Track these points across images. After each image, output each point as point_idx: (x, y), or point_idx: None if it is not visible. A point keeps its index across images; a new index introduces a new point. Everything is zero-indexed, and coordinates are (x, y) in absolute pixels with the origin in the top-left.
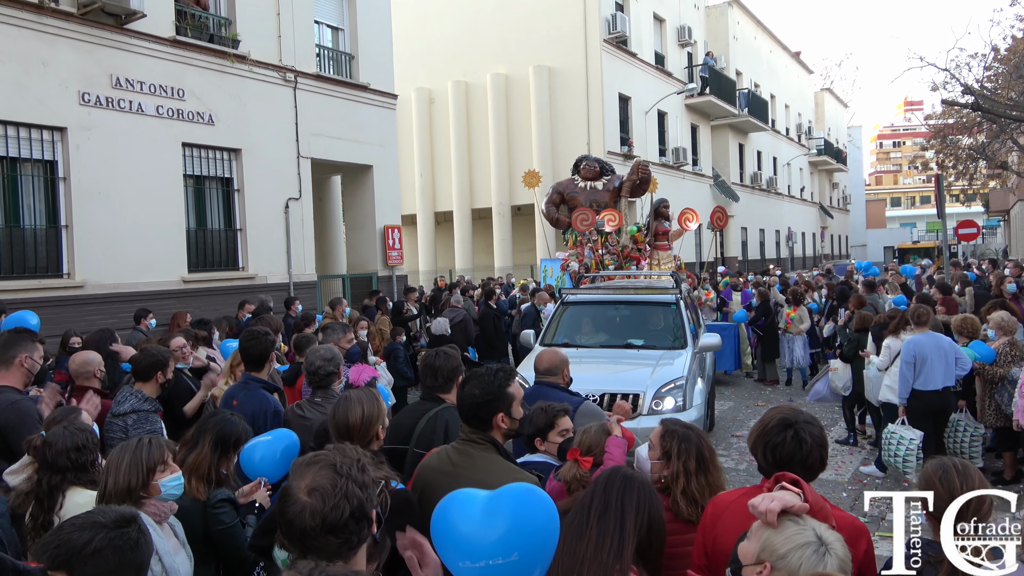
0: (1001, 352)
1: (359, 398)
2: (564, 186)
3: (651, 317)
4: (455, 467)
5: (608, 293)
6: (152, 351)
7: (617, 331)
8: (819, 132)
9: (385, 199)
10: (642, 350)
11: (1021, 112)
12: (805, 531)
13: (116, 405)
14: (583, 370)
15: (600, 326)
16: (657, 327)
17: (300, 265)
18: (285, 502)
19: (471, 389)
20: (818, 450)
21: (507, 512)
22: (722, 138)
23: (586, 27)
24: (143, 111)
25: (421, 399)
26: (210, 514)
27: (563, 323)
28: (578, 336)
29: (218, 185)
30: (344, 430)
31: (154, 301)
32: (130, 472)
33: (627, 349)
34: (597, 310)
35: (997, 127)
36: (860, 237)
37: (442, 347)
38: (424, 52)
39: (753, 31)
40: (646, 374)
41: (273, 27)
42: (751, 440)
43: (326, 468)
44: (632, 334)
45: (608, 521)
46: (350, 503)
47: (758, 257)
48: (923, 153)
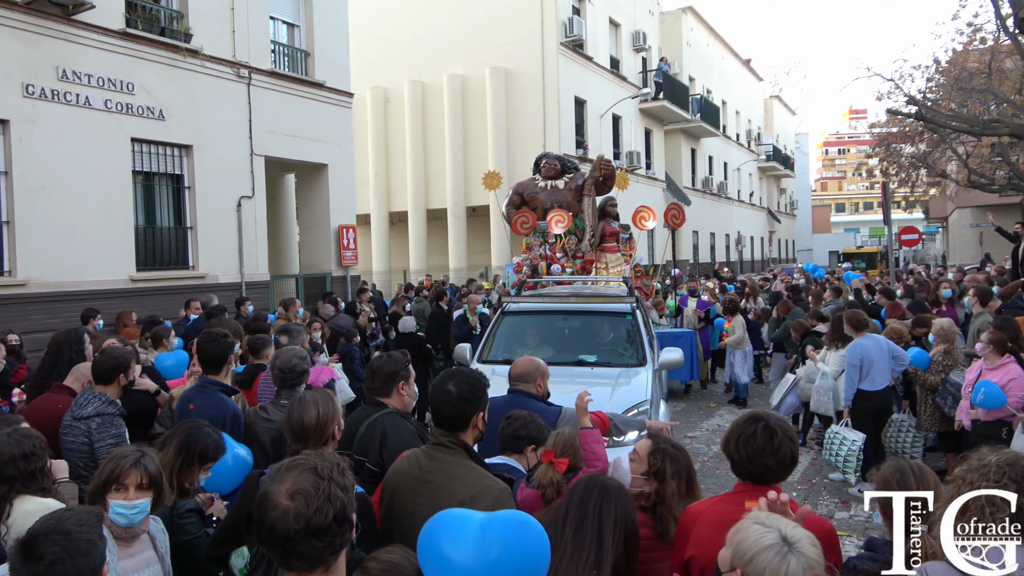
0: (935, 359)
1: (313, 399)
2: (524, 186)
3: (604, 329)
4: (424, 471)
5: (554, 301)
6: (114, 352)
7: (566, 345)
8: (768, 138)
9: (340, 198)
10: (596, 368)
11: (961, 123)
12: (769, 533)
13: (78, 408)
14: None
15: (545, 339)
16: (612, 341)
17: (252, 265)
18: (264, 507)
19: (454, 386)
20: (788, 444)
21: (498, 541)
22: (675, 143)
23: (543, 30)
24: (91, 105)
25: (367, 403)
26: (177, 524)
27: (502, 335)
28: (520, 351)
29: (168, 182)
30: (300, 431)
31: (101, 300)
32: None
33: (578, 367)
34: (542, 321)
35: (938, 137)
36: (807, 241)
37: (392, 351)
38: (380, 51)
39: (706, 38)
40: (603, 397)
41: (227, 22)
42: (724, 440)
43: (307, 472)
44: (583, 349)
45: (585, 536)
46: (333, 505)
47: (709, 260)
48: (867, 161)
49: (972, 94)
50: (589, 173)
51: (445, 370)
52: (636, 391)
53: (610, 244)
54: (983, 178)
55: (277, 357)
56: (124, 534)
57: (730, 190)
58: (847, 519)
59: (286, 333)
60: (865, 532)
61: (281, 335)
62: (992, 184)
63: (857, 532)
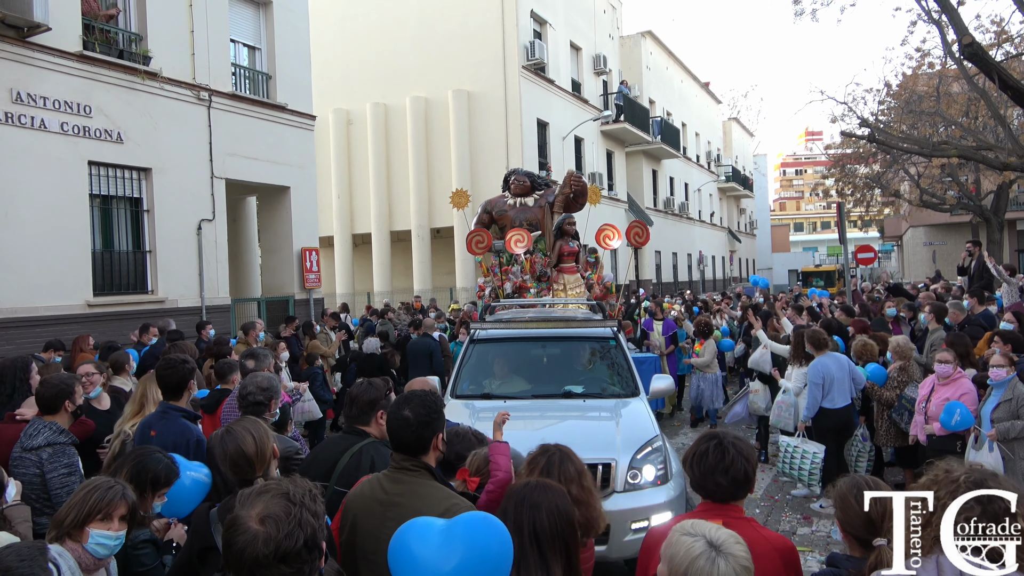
0: (891, 376)
1: (244, 428)
2: (493, 204)
3: (586, 356)
4: (388, 495)
5: (524, 327)
6: (54, 380)
7: (546, 375)
8: (727, 159)
9: (302, 221)
10: (587, 400)
11: (912, 145)
12: (697, 542)
13: (28, 439)
14: (518, 429)
15: (522, 369)
16: (596, 369)
17: (213, 288)
18: (234, 531)
19: (411, 412)
20: (742, 461)
21: (463, 539)
22: (636, 164)
23: (504, 53)
24: (46, 127)
25: (344, 432)
26: (131, 555)
27: (473, 366)
28: (494, 383)
29: (126, 205)
30: (243, 461)
31: (56, 326)
32: (72, 510)
33: (565, 399)
34: (516, 348)
35: (891, 158)
36: (766, 260)
37: (370, 378)
38: (343, 73)
39: (665, 62)
40: (609, 433)
41: (187, 44)
42: (683, 458)
43: (279, 497)
44: (567, 379)
45: (529, 566)
46: (304, 531)
47: (671, 280)
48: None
49: (922, 117)
50: (559, 190)
51: (399, 395)
52: (643, 426)
53: (568, 264)
54: (934, 198)
55: (243, 385)
56: (93, 566)
57: (691, 210)
58: (809, 535)
59: (252, 357)
60: (827, 547)
61: (247, 359)
62: (943, 204)
63: (819, 547)
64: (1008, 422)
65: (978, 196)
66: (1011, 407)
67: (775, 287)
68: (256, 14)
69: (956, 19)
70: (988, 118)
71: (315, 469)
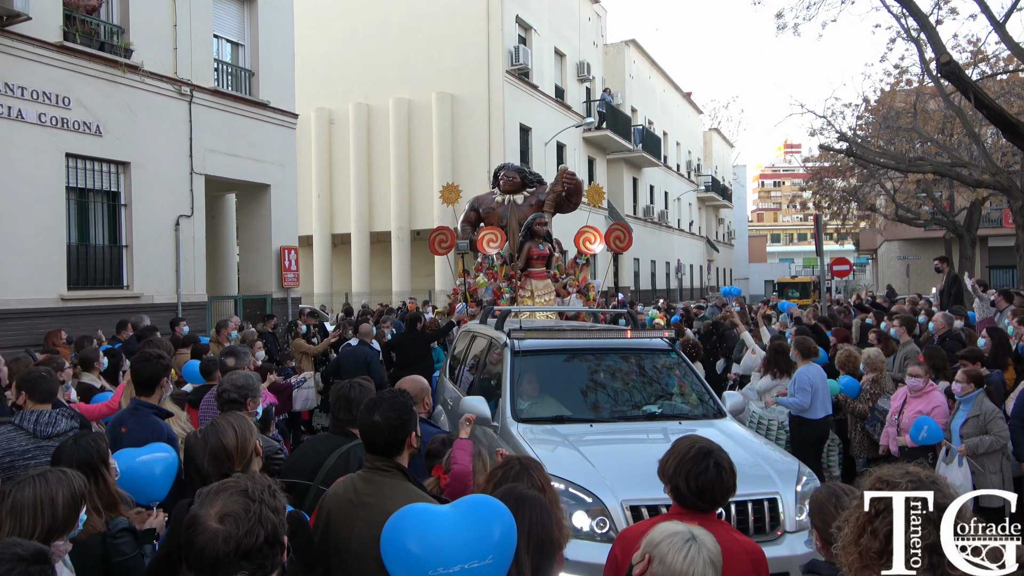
0: (864, 388)
1: (227, 421)
2: (481, 201)
3: (649, 371)
4: (359, 495)
5: (564, 337)
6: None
7: (611, 393)
8: (707, 169)
9: (282, 219)
10: (682, 421)
11: (888, 160)
12: (680, 528)
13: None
14: (622, 456)
15: (580, 386)
16: (666, 386)
17: (190, 285)
18: (193, 531)
19: (380, 417)
20: (732, 477)
21: (480, 518)
22: (617, 171)
23: (489, 58)
24: (23, 118)
25: (330, 432)
26: (110, 545)
27: (525, 382)
28: (557, 403)
29: (104, 199)
30: (223, 455)
31: (29, 319)
32: (68, 506)
33: (652, 421)
34: (568, 362)
35: (867, 172)
36: (743, 271)
37: (356, 378)
38: (326, 72)
39: (648, 71)
40: (753, 462)
41: (169, 39)
42: (668, 469)
43: (237, 494)
44: (636, 396)
45: None
46: (264, 528)
47: (649, 288)
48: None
49: (899, 132)
50: (551, 187)
51: (370, 399)
52: (774, 453)
53: (537, 269)
54: (909, 213)
55: (222, 382)
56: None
57: (670, 219)
58: None
59: (232, 355)
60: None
61: (227, 357)
62: (918, 219)
63: None
64: (977, 438)
65: (952, 212)
66: (979, 422)
67: (751, 297)
68: (240, 10)
69: (934, 38)
70: (963, 136)
71: (300, 467)
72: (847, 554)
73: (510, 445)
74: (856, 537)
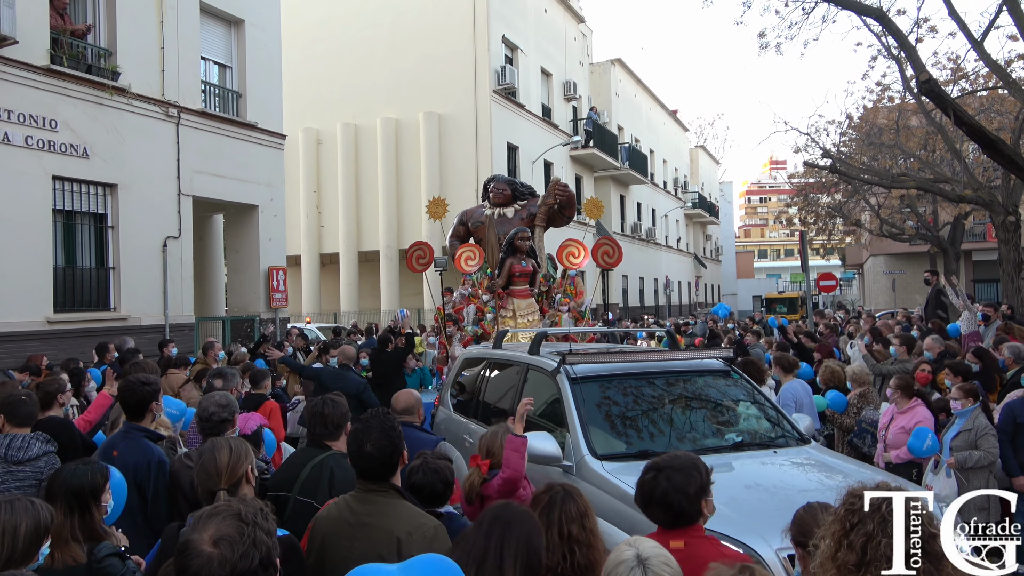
0: (851, 402)
1: (226, 441)
2: (469, 215)
3: (714, 395)
4: (357, 516)
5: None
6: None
7: (684, 421)
8: (694, 186)
9: (270, 240)
10: (777, 451)
11: (872, 176)
12: (627, 552)
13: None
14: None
15: (649, 414)
16: (738, 412)
17: (177, 307)
18: (186, 556)
19: (373, 448)
20: (675, 494)
21: None
22: (604, 189)
23: (476, 77)
24: (10, 141)
25: (308, 446)
26: (96, 570)
27: (595, 413)
28: (625, 435)
29: (91, 221)
30: (213, 470)
31: (15, 343)
32: (29, 538)
33: (746, 451)
34: (631, 388)
35: (852, 188)
36: (731, 286)
37: (328, 394)
38: (313, 93)
39: (634, 89)
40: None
41: (156, 61)
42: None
43: (230, 518)
44: (715, 425)
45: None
46: (259, 551)
47: (638, 304)
48: (787, 210)
49: (882, 149)
50: (543, 200)
51: (356, 427)
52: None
53: (519, 287)
54: (894, 228)
55: (200, 403)
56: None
57: (658, 236)
58: None
59: (220, 376)
60: None
61: (215, 378)
62: (902, 234)
63: None
64: (966, 452)
65: (935, 227)
66: (970, 437)
67: (739, 313)
68: (228, 32)
69: (914, 56)
70: (945, 152)
71: (278, 479)
72: (825, 570)
73: (599, 488)
74: (834, 552)
